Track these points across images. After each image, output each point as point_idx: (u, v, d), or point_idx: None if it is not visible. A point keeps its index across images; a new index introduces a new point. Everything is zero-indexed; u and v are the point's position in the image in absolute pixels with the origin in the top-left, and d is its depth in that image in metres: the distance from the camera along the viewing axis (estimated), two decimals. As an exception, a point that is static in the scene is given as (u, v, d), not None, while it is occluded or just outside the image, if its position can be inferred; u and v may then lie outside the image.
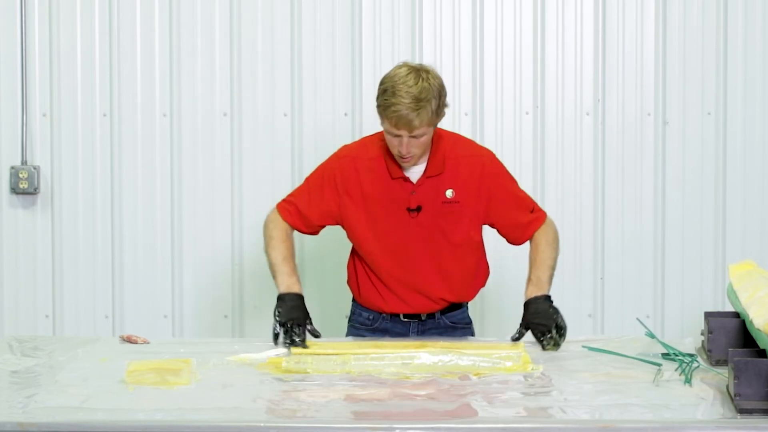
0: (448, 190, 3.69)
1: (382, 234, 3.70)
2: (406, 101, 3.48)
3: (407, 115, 3.48)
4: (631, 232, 4.93)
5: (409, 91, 3.49)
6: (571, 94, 4.90)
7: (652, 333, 3.48)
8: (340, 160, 3.75)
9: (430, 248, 3.71)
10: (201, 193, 4.93)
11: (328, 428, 2.73)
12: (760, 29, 4.87)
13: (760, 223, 4.92)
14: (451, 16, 4.89)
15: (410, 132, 3.51)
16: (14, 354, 3.47)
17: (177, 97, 4.92)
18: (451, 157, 3.69)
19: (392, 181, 3.68)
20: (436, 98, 3.53)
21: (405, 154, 3.57)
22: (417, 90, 3.49)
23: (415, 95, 3.48)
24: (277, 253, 3.70)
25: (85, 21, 4.90)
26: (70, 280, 4.98)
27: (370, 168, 3.70)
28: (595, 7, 4.88)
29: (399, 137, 3.54)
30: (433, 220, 3.69)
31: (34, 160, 4.95)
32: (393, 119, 3.51)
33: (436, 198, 3.68)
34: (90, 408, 2.85)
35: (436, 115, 3.55)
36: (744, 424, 2.69)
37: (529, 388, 3.04)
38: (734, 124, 4.90)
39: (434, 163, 3.67)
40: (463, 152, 3.73)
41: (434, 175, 3.67)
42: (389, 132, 3.56)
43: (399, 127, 3.51)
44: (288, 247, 3.72)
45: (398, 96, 3.49)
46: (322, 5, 4.89)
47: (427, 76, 3.54)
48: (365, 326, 3.82)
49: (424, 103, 3.49)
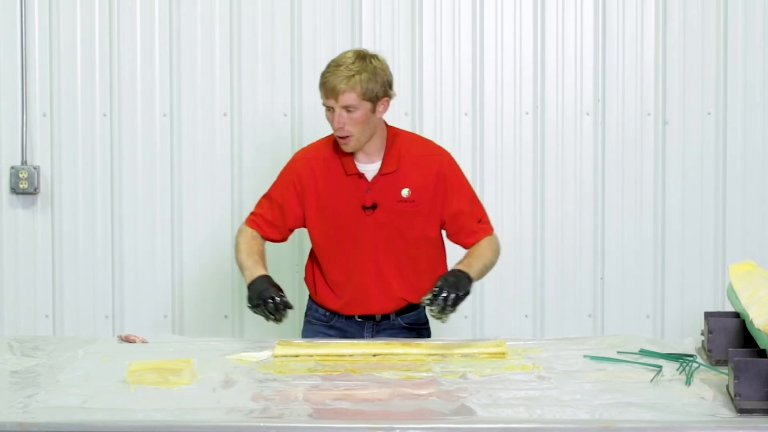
0: (404, 189, 3.71)
1: (339, 232, 3.73)
2: (336, 70, 3.60)
3: (333, 80, 3.58)
4: (631, 232, 4.93)
5: (343, 62, 3.61)
6: (571, 94, 4.90)
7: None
8: (296, 163, 3.80)
9: (386, 246, 3.72)
10: (201, 193, 4.93)
11: (328, 428, 2.73)
12: (760, 29, 4.87)
13: (760, 223, 4.92)
14: (451, 16, 4.89)
15: (338, 100, 3.58)
16: (14, 354, 3.47)
17: (177, 97, 4.92)
18: (407, 155, 3.72)
19: (347, 178, 3.71)
20: (372, 75, 3.61)
21: (337, 125, 3.61)
22: (350, 62, 3.61)
23: (347, 66, 3.60)
24: (242, 255, 3.76)
25: (85, 21, 4.91)
26: (70, 280, 4.98)
27: (326, 167, 3.74)
28: (595, 7, 4.88)
29: (332, 110, 3.61)
30: (389, 218, 3.70)
31: (34, 160, 4.95)
32: (324, 89, 3.61)
33: (391, 196, 3.70)
34: (90, 408, 2.85)
35: (370, 91, 3.60)
36: (744, 424, 2.69)
37: (529, 388, 3.03)
38: (734, 124, 4.90)
39: (389, 160, 3.70)
40: (421, 151, 3.76)
41: (389, 172, 3.70)
42: (324, 105, 3.64)
43: (328, 96, 3.60)
44: (252, 245, 3.77)
45: (331, 67, 3.62)
46: (322, 5, 4.89)
47: (370, 58, 3.65)
48: (321, 322, 3.84)
49: (354, 73, 3.59)
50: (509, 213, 4.92)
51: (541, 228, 4.93)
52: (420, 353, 3.43)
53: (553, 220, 4.93)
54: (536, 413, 2.80)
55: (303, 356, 3.40)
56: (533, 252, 4.93)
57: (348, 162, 3.71)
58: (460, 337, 4.54)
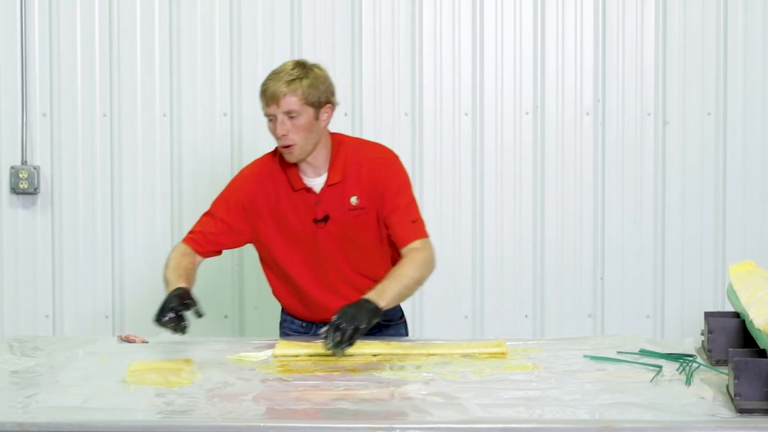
0: (353, 197, 3.64)
1: (295, 247, 3.67)
2: (276, 76, 3.56)
3: (274, 86, 3.53)
4: (631, 232, 4.93)
5: (282, 70, 3.58)
6: (571, 94, 4.90)
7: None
8: (244, 181, 3.72)
9: (343, 255, 3.67)
10: (201, 193, 4.93)
11: (328, 428, 2.73)
12: (760, 29, 4.87)
13: (760, 223, 4.92)
14: (451, 16, 4.89)
15: (279, 105, 3.52)
16: (14, 354, 3.47)
17: (177, 97, 4.92)
18: (353, 162, 3.65)
19: (295, 193, 3.64)
20: (313, 81, 3.56)
21: (280, 133, 3.54)
22: (290, 68, 3.57)
23: (287, 72, 3.56)
24: (167, 270, 3.59)
25: (85, 21, 4.91)
26: (70, 280, 4.98)
27: (273, 183, 3.67)
28: (595, 7, 4.88)
29: (274, 120, 3.56)
30: (342, 228, 3.64)
31: (34, 160, 4.95)
32: (264, 97, 3.56)
33: (341, 206, 3.63)
34: (90, 408, 2.85)
35: (312, 96, 3.55)
36: (744, 424, 2.69)
37: (529, 388, 3.03)
38: (734, 124, 4.90)
39: (335, 170, 3.63)
40: (365, 156, 3.68)
41: (336, 182, 3.63)
42: (266, 116, 3.58)
43: (269, 103, 3.54)
44: (180, 261, 3.63)
45: (270, 75, 3.58)
46: (322, 5, 4.90)
47: (311, 66, 3.61)
48: (299, 333, 3.79)
49: (294, 79, 3.54)
50: (509, 213, 4.92)
51: (541, 228, 4.93)
52: (420, 353, 3.43)
53: (553, 220, 4.93)
54: (536, 413, 2.80)
55: (303, 356, 3.40)
56: (533, 252, 4.93)
57: (294, 177, 3.64)
58: (460, 337, 4.55)
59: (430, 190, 4.92)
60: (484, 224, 4.93)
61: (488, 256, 4.93)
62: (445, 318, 4.94)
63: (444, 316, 4.94)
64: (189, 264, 3.66)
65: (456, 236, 4.92)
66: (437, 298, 4.93)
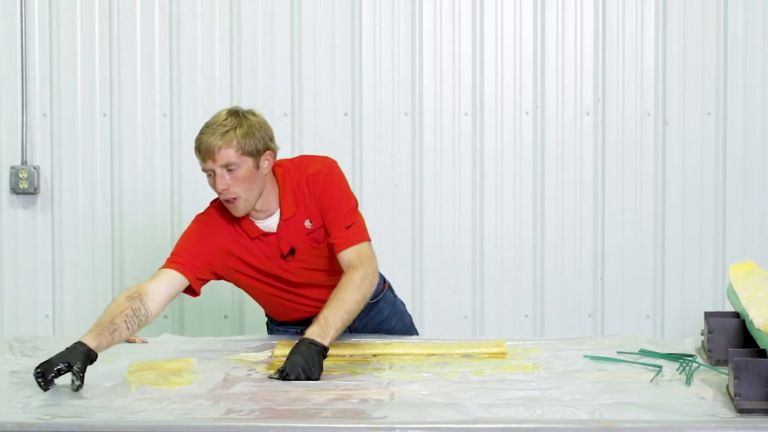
0: (306, 220, 3.54)
1: (269, 282, 3.60)
2: (209, 129, 3.43)
3: (207, 140, 3.40)
4: (631, 232, 4.93)
5: (215, 121, 3.45)
6: (571, 94, 4.90)
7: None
8: (206, 223, 3.60)
9: (318, 277, 3.60)
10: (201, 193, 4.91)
11: (329, 428, 2.73)
12: (760, 29, 4.87)
13: (760, 223, 4.92)
14: (451, 16, 4.89)
15: (215, 159, 3.39)
16: (14, 354, 3.47)
17: (177, 97, 4.92)
18: (298, 188, 3.54)
19: (252, 241, 3.54)
20: (248, 129, 3.42)
21: (220, 188, 3.41)
22: (222, 119, 3.43)
23: (219, 123, 3.42)
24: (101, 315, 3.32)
25: (85, 21, 4.91)
26: (70, 280, 4.98)
27: (235, 231, 3.55)
28: (595, 7, 4.88)
29: (212, 175, 3.43)
30: (309, 254, 3.56)
31: (34, 160, 4.95)
32: (200, 152, 3.42)
33: (299, 234, 3.54)
34: (90, 408, 2.85)
35: (249, 145, 3.41)
36: (744, 424, 2.69)
37: (529, 388, 3.03)
38: (734, 124, 4.90)
39: (287, 204, 3.53)
40: (303, 175, 3.56)
41: (291, 216, 3.53)
42: (204, 170, 3.45)
43: (206, 158, 3.41)
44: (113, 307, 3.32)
45: (203, 128, 3.45)
46: (322, 5, 4.89)
47: (244, 114, 3.47)
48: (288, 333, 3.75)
49: (229, 129, 3.40)
50: (509, 213, 4.92)
51: (541, 228, 4.93)
52: (420, 353, 3.43)
53: (553, 220, 4.93)
54: (536, 413, 2.80)
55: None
56: (533, 252, 4.93)
57: (248, 226, 3.55)
58: (460, 337, 4.55)
59: (430, 190, 4.92)
60: (484, 224, 4.93)
61: (488, 256, 4.93)
62: (445, 318, 4.94)
63: (444, 316, 4.94)
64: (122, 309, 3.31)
65: (456, 236, 4.92)
66: (437, 298, 4.93)
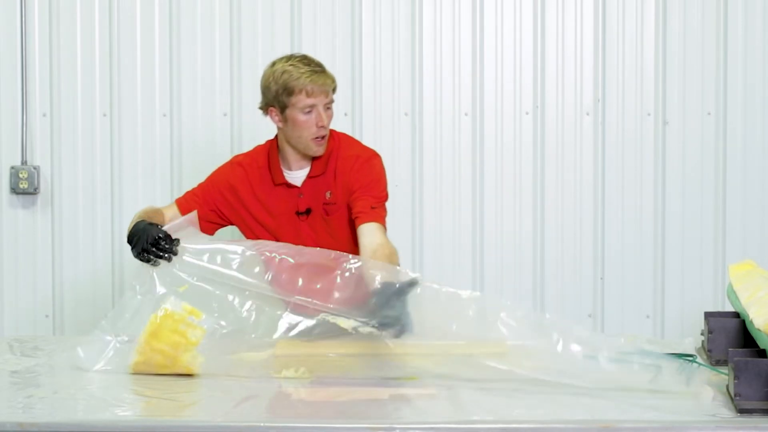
0: (327, 191, 3.70)
1: (277, 237, 3.68)
2: (320, 68, 3.63)
3: (321, 78, 3.60)
4: (631, 232, 4.93)
5: (314, 61, 3.66)
6: (571, 94, 4.90)
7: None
8: (234, 167, 3.79)
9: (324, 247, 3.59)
10: (201, 193, 4.93)
11: (329, 428, 2.73)
12: (760, 29, 4.87)
13: (760, 223, 4.92)
14: (451, 16, 4.89)
15: (327, 94, 3.61)
16: (14, 354, 3.47)
17: (177, 97, 4.92)
18: (334, 156, 3.71)
19: (276, 187, 3.70)
20: None
21: (326, 122, 3.63)
22: (316, 61, 3.67)
23: (319, 64, 3.66)
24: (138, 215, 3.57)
25: (85, 21, 4.91)
26: (70, 280, 4.98)
27: (260, 176, 3.73)
28: (595, 7, 4.88)
29: (313, 108, 3.60)
30: (321, 221, 3.70)
31: (34, 160, 4.95)
32: (311, 87, 3.59)
33: (319, 200, 3.70)
34: (91, 408, 2.85)
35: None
36: (744, 424, 2.69)
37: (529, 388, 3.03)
38: (734, 124, 4.90)
39: (318, 163, 3.70)
40: (345, 152, 3.73)
41: (317, 175, 3.69)
42: (304, 107, 3.60)
43: (317, 94, 3.59)
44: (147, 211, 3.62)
45: (311, 65, 3.63)
46: (322, 5, 4.90)
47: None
48: None
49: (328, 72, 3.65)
50: (509, 213, 4.92)
51: (541, 228, 4.93)
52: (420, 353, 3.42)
53: (553, 220, 4.93)
54: (536, 413, 2.80)
55: (303, 356, 3.40)
56: (533, 252, 4.93)
57: (276, 171, 3.72)
58: (460, 337, 4.53)
59: (430, 190, 4.92)
60: (483, 224, 4.93)
61: (488, 256, 4.93)
62: (445, 318, 4.94)
63: (444, 316, 4.94)
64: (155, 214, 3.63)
65: (456, 236, 4.92)
66: (437, 298, 4.92)
